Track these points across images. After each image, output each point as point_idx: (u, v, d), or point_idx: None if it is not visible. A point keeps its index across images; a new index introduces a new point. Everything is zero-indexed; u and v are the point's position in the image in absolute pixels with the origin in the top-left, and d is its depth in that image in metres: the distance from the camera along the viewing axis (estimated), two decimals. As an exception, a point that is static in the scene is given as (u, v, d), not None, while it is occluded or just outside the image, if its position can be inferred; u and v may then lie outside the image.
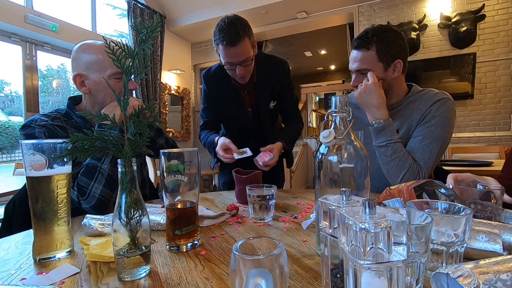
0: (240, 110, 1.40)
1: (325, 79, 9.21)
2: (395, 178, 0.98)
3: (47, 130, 0.87)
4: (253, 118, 1.41)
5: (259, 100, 1.38)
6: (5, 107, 3.83)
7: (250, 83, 1.34)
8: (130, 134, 0.49)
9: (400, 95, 1.10)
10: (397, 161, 0.97)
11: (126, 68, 0.48)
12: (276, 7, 4.16)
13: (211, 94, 1.40)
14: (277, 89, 1.38)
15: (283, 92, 1.41)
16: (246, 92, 1.37)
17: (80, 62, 0.92)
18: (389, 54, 1.01)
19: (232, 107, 1.39)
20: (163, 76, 4.74)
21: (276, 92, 1.39)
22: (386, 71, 1.03)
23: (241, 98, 1.38)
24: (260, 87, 1.36)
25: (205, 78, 1.40)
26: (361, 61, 1.03)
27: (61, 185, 0.55)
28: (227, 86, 1.35)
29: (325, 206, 0.39)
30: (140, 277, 0.46)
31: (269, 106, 1.39)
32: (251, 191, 0.79)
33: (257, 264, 0.32)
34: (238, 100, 1.38)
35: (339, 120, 0.50)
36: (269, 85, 1.36)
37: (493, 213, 0.59)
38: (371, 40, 1.00)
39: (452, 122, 1.00)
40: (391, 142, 0.97)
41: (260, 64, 1.32)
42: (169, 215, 0.58)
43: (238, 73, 1.20)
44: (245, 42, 1.15)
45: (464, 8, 3.51)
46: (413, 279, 0.36)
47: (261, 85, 1.36)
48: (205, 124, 1.47)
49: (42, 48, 3.29)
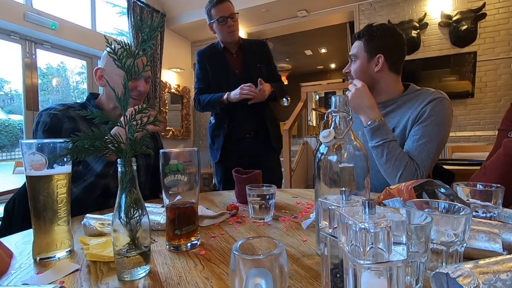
0: (228, 72, 1.62)
1: (325, 77, 9.19)
2: (393, 178, 0.98)
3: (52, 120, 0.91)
4: (242, 80, 1.55)
5: (248, 61, 1.63)
6: (5, 106, 3.83)
7: (238, 45, 1.63)
8: (130, 134, 0.49)
9: (391, 93, 1.11)
10: (393, 160, 0.97)
11: (127, 68, 0.48)
12: (277, 6, 4.15)
13: (203, 64, 1.65)
14: (261, 58, 1.66)
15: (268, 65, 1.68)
16: (234, 56, 1.64)
17: (104, 58, 1.04)
18: (373, 46, 1.08)
19: (221, 70, 1.62)
20: (163, 75, 4.74)
21: (261, 59, 1.66)
22: (369, 63, 1.09)
23: (227, 61, 1.62)
24: (246, 51, 1.64)
25: (199, 53, 1.69)
26: (353, 48, 1.13)
27: (61, 185, 0.55)
28: (216, 53, 1.63)
29: (325, 206, 0.39)
30: (140, 277, 0.46)
31: (257, 65, 1.63)
32: (251, 190, 0.79)
33: (257, 264, 0.32)
34: (225, 63, 1.62)
35: (339, 119, 0.50)
36: (254, 52, 1.65)
37: (493, 213, 0.59)
38: (364, 31, 1.10)
39: (449, 121, 1.00)
40: (386, 141, 0.98)
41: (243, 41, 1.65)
42: (169, 215, 0.58)
43: (229, 24, 1.51)
44: (229, 3, 1.54)
45: (464, 7, 3.50)
46: (412, 278, 0.36)
47: (247, 49, 1.64)
48: (200, 90, 1.68)
49: (42, 46, 3.28)
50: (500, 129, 0.97)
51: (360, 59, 1.10)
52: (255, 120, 1.63)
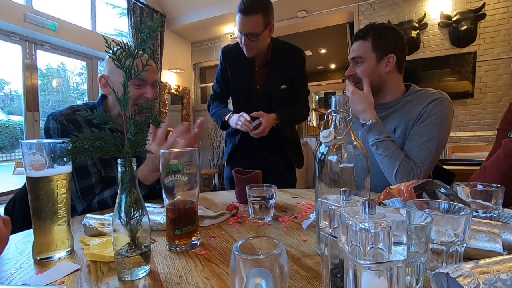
0: (249, 85, 1.43)
1: (325, 78, 9.19)
2: (390, 176, 1.00)
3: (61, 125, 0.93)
4: (261, 97, 1.42)
5: (270, 79, 1.41)
6: (5, 106, 3.83)
7: (264, 61, 1.40)
8: (130, 134, 0.49)
9: (396, 93, 1.11)
10: (388, 158, 0.98)
11: (126, 68, 0.48)
12: (276, 6, 4.11)
13: (226, 66, 1.45)
14: (290, 74, 1.41)
15: (296, 80, 1.44)
16: (257, 69, 1.42)
17: (107, 65, 1.01)
18: (383, 47, 1.05)
19: (242, 80, 1.43)
20: (163, 75, 4.74)
21: (289, 77, 1.42)
22: (379, 64, 1.06)
23: (252, 73, 1.42)
24: (273, 67, 1.40)
25: (223, 51, 1.46)
26: (357, 50, 1.08)
27: (61, 185, 0.55)
28: (242, 59, 1.40)
29: (325, 206, 0.39)
30: (140, 277, 0.46)
31: (280, 87, 1.42)
32: (251, 191, 0.79)
33: (257, 264, 0.32)
34: (249, 74, 1.42)
35: (339, 120, 0.50)
36: (282, 68, 1.40)
37: (493, 213, 0.59)
38: (369, 32, 1.06)
39: (449, 121, 1.00)
40: (379, 140, 0.99)
41: (277, 46, 1.39)
42: (169, 215, 0.58)
43: (242, 42, 1.27)
44: (257, 17, 1.20)
45: (464, 7, 3.50)
46: (413, 278, 0.36)
47: (274, 65, 1.40)
48: (215, 94, 1.52)
49: (42, 47, 3.28)
50: (499, 129, 0.97)
51: (368, 60, 1.06)
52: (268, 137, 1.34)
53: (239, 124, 1.29)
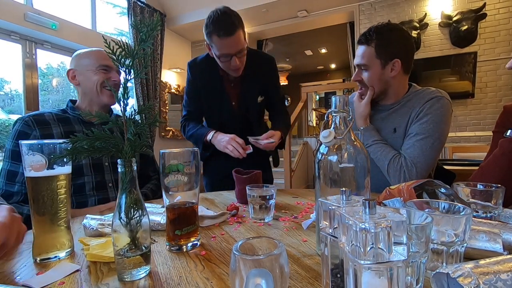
0: (223, 103, 1.34)
1: (326, 77, 9.20)
2: (385, 175, 1.03)
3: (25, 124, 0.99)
4: (237, 113, 1.36)
5: (246, 94, 1.34)
6: (5, 106, 3.83)
7: (237, 76, 1.30)
8: (130, 134, 0.49)
9: (399, 95, 1.10)
10: (377, 160, 1.04)
11: (126, 68, 0.48)
12: (277, 6, 4.15)
13: (196, 83, 1.34)
14: (264, 83, 1.36)
15: (271, 88, 1.39)
16: (232, 85, 1.33)
17: (74, 60, 1.11)
18: (388, 52, 1.02)
19: (216, 98, 1.34)
20: (163, 75, 4.74)
21: (263, 87, 1.37)
22: (384, 69, 1.04)
23: (225, 91, 1.33)
24: (247, 81, 1.32)
25: (191, 67, 1.35)
26: (362, 56, 1.06)
27: (61, 186, 0.55)
28: (213, 77, 1.31)
29: (325, 206, 0.39)
30: (140, 277, 0.46)
31: (257, 100, 1.37)
32: (251, 191, 0.79)
33: (257, 264, 0.32)
34: (222, 92, 1.33)
35: (339, 120, 0.50)
36: (256, 80, 1.34)
37: (493, 213, 0.59)
38: (372, 36, 1.03)
39: (446, 120, 1.00)
40: (367, 146, 1.05)
41: (248, 58, 1.28)
42: (169, 215, 0.58)
43: (234, 64, 1.17)
44: (240, 33, 1.14)
45: (465, 7, 3.50)
46: (413, 279, 0.36)
47: (248, 79, 1.32)
48: (188, 114, 1.41)
49: (42, 46, 3.28)
50: (494, 131, 0.97)
51: (372, 67, 1.04)
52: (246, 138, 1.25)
53: (229, 148, 1.18)
